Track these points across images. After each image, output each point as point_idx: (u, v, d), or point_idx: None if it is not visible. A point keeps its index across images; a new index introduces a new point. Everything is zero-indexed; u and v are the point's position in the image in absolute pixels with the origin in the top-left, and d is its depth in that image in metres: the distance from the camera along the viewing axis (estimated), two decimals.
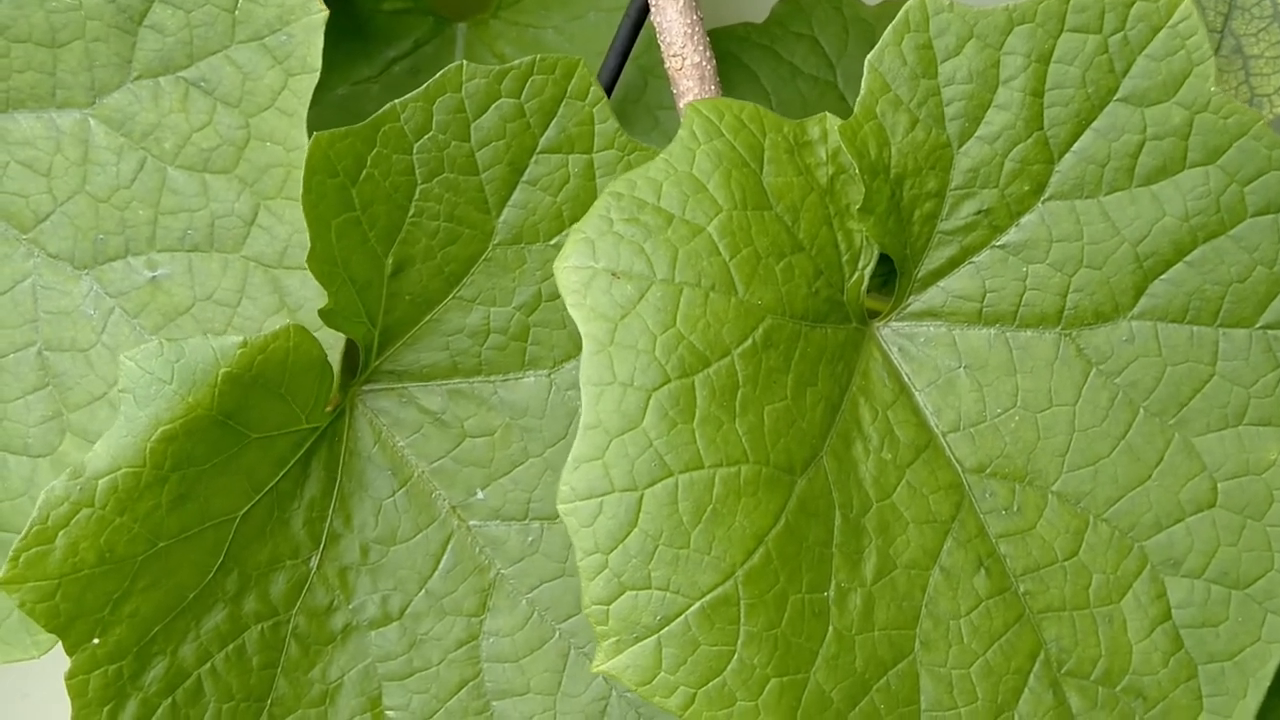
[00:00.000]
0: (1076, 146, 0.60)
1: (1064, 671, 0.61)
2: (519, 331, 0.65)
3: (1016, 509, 0.61)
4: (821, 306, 0.58)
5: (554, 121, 0.63)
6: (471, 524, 0.66)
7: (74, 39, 0.62)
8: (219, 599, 0.62)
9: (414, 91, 0.61)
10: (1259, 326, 0.61)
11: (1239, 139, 0.59)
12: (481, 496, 0.66)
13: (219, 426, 0.59)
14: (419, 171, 0.62)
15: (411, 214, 0.62)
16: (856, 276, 0.60)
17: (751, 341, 0.55)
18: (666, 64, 0.65)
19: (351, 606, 0.65)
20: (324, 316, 0.62)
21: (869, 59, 0.59)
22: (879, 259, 0.60)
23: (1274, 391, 0.61)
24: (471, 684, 0.66)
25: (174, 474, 0.58)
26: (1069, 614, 0.61)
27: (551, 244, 0.64)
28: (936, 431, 0.61)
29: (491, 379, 0.66)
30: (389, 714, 0.66)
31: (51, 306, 0.63)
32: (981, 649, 0.60)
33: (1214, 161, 0.59)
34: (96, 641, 0.59)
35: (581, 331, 0.53)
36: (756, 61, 0.82)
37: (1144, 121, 0.59)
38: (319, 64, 0.62)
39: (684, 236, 0.55)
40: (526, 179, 0.63)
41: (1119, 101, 0.59)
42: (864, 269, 0.60)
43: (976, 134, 0.60)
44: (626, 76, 0.82)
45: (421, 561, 0.66)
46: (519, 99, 0.62)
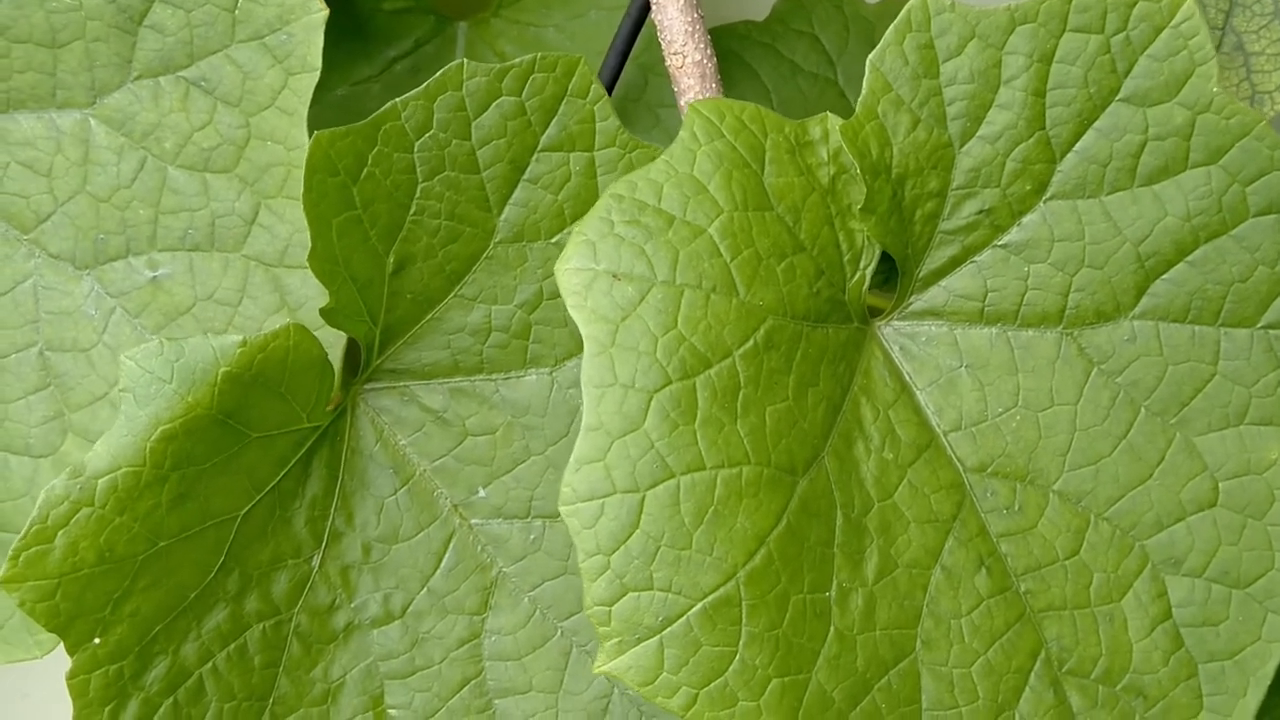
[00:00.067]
0: (1078, 146, 0.60)
1: (1065, 670, 0.61)
2: (520, 329, 0.65)
3: (1018, 508, 0.61)
4: (823, 307, 0.58)
5: (555, 120, 0.63)
6: (473, 522, 0.66)
7: (74, 39, 0.62)
8: (220, 598, 0.62)
9: (415, 90, 0.61)
10: (1260, 326, 0.61)
11: (1241, 139, 0.59)
12: (483, 495, 0.66)
13: (219, 426, 0.59)
14: (420, 170, 0.62)
15: (413, 212, 0.62)
16: (858, 276, 0.60)
17: (753, 342, 0.55)
18: (667, 62, 0.65)
19: (353, 605, 0.65)
20: (325, 315, 0.61)
21: (870, 59, 0.58)
22: (880, 257, 0.60)
23: (1275, 391, 0.61)
24: (473, 682, 0.66)
25: (174, 473, 0.58)
26: (1070, 613, 0.61)
27: (553, 242, 0.64)
28: (938, 431, 0.61)
29: (493, 377, 0.66)
30: (391, 712, 0.66)
31: (53, 307, 0.63)
32: (983, 648, 0.60)
33: (1216, 161, 0.59)
34: (97, 641, 0.59)
35: (583, 333, 0.53)
36: (757, 59, 0.82)
37: (1146, 121, 0.59)
38: (319, 63, 0.62)
39: (685, 238, 0.55)
40: (528, 177, 0.63)
41: (1121, 101, 0.59)
42: (865, 269, 0.60)
43: (978, 134, 0.59)
44: (627, 74, 0.82)
45: (423, 560, 0.66)
46: (520, 97, 0.62)
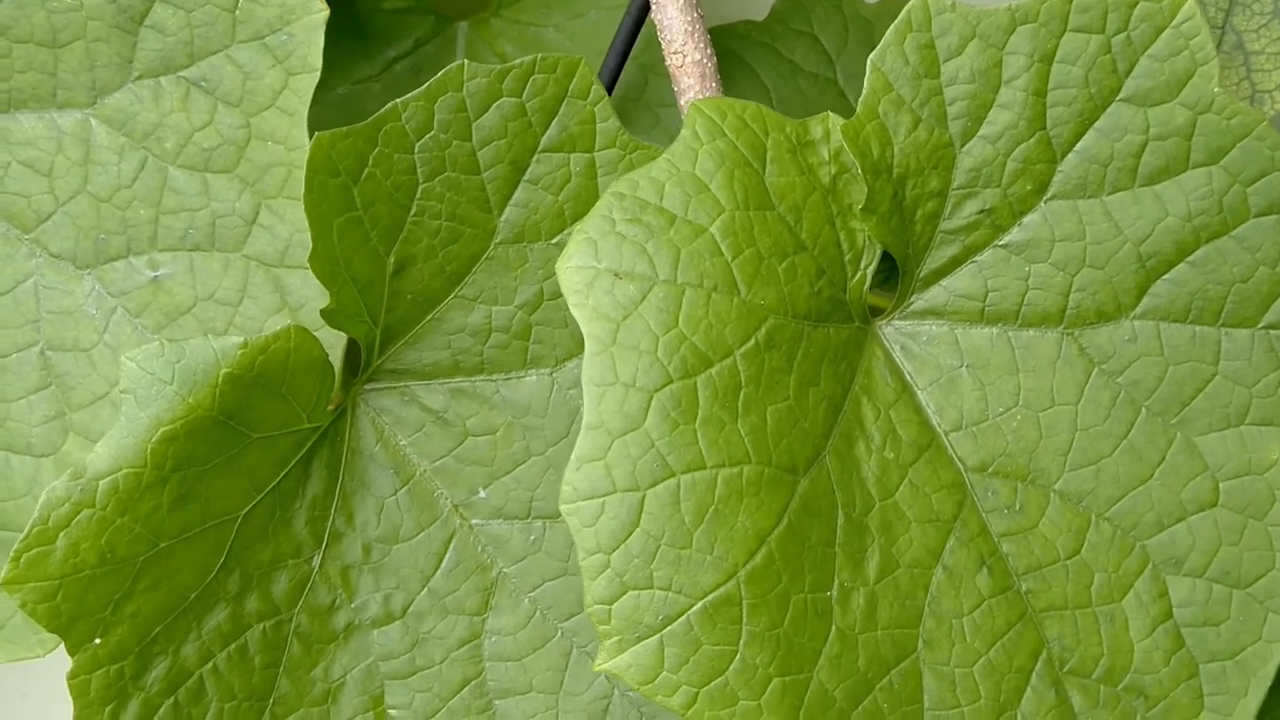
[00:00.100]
0: (1079, 146, 0.60)
1: (1066, 670, 0.61)
2: (521, 330, 0.65)
3: (1019, 508, 0.61)
4: (824, 306, 0.58)
5: (555, 120, 0.63)
6: (474, 523, 0.66)
7: (75, 39, 0.62)
8: (221, 598, 0.62)
9: (415, 91, 0.61)
10: (1261, 326, 0.61)
11: (1242, 139, 0.59)
12: (483, 495, 0.66)
13: (220, 427, 0.59)
14: (421, 171, 0.62)
15: (413, 213, 0.62)
16: (859, 276, 0.60)
17: (754, 342, 0.55)
18: (667, 62, 0.65)
19: (354, 605, 0.65)
20: (325, 316, 0.61)
21: (871, 58, 0.58)
22: (881, 257, 0.60)
23: (1276, 391, 0.61)
24: (474, 683, 0.66)
25: (175, 474, 0.58)
26: (1071, 613, 0.61)
27: (553, 243, 0.64)
28: (939, 430, 0.61)
29: (494, 378, 0.66)
30: (391, 713, 0.66)
31: (54, 306, 0.63)
32: (984, 648, 0.60)
33: (1217, 162, 0.59)
34: (98, 641, 0.59)
35: (584, 332, 0.53)
36: (757, 59, 0.82)
37: (1147, 121, 0.59)
38: (320, 63, 0.62)
39: (686, 237, 0.55)
40: (528, 178, 0.63)
41: (1122, 101, 0.59)
42: (866, 268, 0.60)
43: (979, 133, 0.59)
44: (627, 74, 0.82)
45: (424, 560, 0.66)
46: (520, 98, 0.62)
